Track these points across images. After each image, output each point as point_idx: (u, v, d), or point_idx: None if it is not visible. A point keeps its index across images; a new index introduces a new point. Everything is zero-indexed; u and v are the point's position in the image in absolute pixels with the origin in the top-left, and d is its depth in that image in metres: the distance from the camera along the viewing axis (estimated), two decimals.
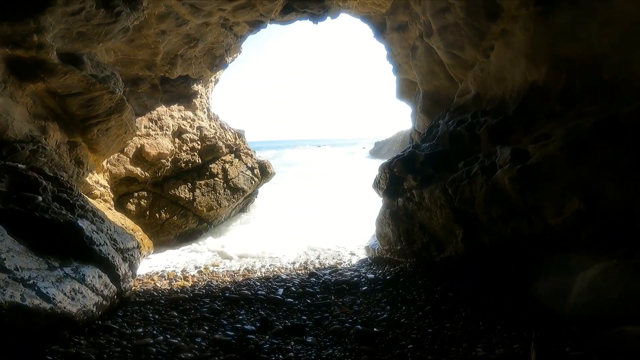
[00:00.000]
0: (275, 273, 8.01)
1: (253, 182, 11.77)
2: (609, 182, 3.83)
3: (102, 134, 6.87)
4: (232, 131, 14.51)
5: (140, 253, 6.88)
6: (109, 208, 8.41)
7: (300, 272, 8.13)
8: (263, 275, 7.96)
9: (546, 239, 4.53)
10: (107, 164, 8.97)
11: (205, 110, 12.40)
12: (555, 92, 4.94)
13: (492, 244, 5.25)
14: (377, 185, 7.46)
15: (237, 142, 13.26)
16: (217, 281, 7.56)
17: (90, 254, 4.84)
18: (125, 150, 9.43)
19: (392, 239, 7.23)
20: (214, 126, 12.77)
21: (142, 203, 9.90)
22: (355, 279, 6.55)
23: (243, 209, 13.40)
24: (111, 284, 5.09)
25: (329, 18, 10.52)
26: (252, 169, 11.95)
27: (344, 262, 8.95)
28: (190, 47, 8.52)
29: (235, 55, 12.98)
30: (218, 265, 9.21)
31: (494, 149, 5.25)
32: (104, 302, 4.77)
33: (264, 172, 12.20)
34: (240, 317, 5.35)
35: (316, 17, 9.78)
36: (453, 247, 5.92)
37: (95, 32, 5.02)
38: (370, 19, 9.48)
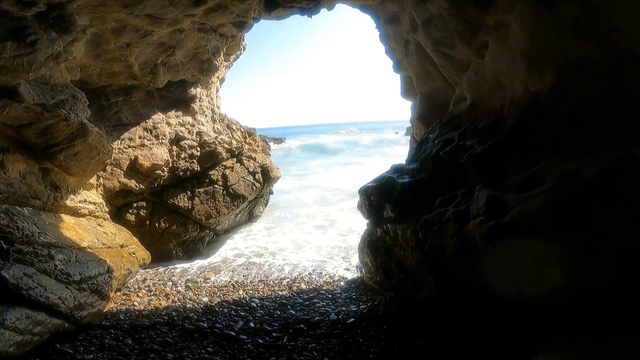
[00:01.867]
0: (251, 295, 7.49)
1: (254, 187, 11.10)
2: (604, 258, 2.53)
3: (70, 160, 6.50)
4: (242, 130, 13.92)
5: (111, 277, 6.62)
6: (99, 225, 8.23)
7: (281, 292, 7.60)
8: (240, 297, 7.46)
9: (520, 302, 3.37)
10: (100, 178, 8.80)
11: (208, 112, 11.85)
12: (562, 110, 3.53)
13: (466, 294, 4.10)
14: (360, 209, 6.38)
15: (244, 143, 12.63)
16: (192, 302, 7.22)
17: (18, 298, 4.65)
18: (119, 163, 9.19)
19: (371, 269, 6.20)
20: (217, 128, 12.22)
21: (142, 213, 9.69)
22: (317, 317, 5.72)
23: (252, 212, 12.89)
24: (50, 319, 4.98)
25: (324, 10, 9.25)
26: (253, 173, 11.26)
27: (334, 281, 8.13)
28: (168, 55, 7.86)
29: (237, 53, 12.20)
30: (209, 279, 8.81)
31: (476, 186, 3.96)
32: (34, 338, 4.68)
33: (266, 176, 11.46)
34: (185, 353, 5.02)
35: (307, 10, 8.58)
36: (428, 289, 4.81)
37: (16, 63, 4.50)
38: (370, 8, 8.07)
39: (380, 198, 5.37)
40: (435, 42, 5.15)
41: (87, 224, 7.90)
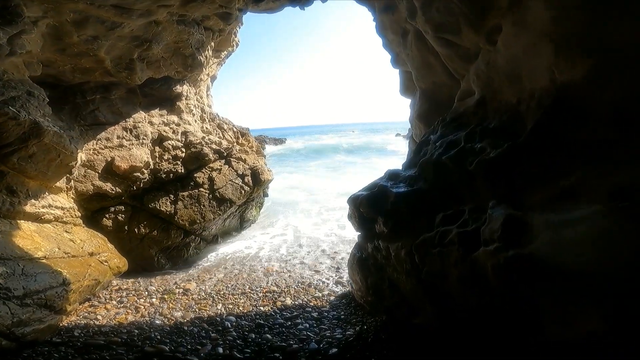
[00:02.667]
0: (230, 311, 6.73)
1: (243, 191, 10.27)
2: None
3: (25, 162, 5.73)
4: (235, 129, 13.12)
5: (67, 290, 5.91)
6: (66, 232, 7.44)
7: (263, 308, 6.82)
8: (216, 313, 6.70)
9: (541, 342, 2.54)
10: (71, 181, 8.01)
11: (197, 111, 11.05)
12: (603, 105, 2.69)
13: (473, 329, 3.25)
14: (350, 220, 5.54)
15: (235, 144, 11.83)
16: (162, 318, 6.47)
17: None
18: (93, 165, 8.40)
19: (361, 287, 5.35)
20: (207, 128, 11.42)
21: (120, 218, 8.88)
22: (295, 345, 4.86)
23: (243, 216, 12.06)
24: None
25: (318, 2, 8.44)
26: (242, 176, 10.43)
27: (323, 296, 7.28)
28: (144, 49, 7.06)
29: (229, 49, 11.40)
30: (188, 290, 7.98)
31: (488, 200, 3.11)
32: None
33: (256, 179, 10.62)
34: None
35: (298, 1, 7.78)
36: (425, 317, 3.96)
37: None
38: None
39: (370, 210, 4.53)
40: (436, 27, 4.31)
41: (51, 231, 7.11)
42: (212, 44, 9.56)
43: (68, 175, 7.93)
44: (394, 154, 34.46)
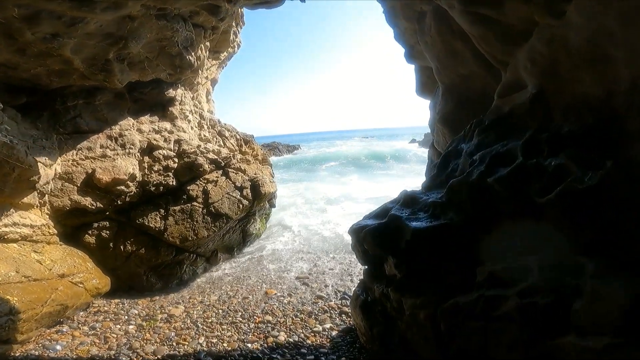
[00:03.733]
0: (211, 346, 5.65)
1: (241, 205, 9.15)
2: None
3: None
4: (238, 137, 12.09)
5: (14, 319, 5.02)
6: (35, 251, 6.47)
7: (251, 345, 5.70)
8: (195, 349, 5.60)
9: None
10: (45, 196, 7.07)
11: (193, 117, 10.04)
12: None
13: None
14: (353, 250, 4.30)
15: (237, 152, 10.77)
16: (129, 354, 5.44)
17: None
18: (71, 178, 7.44)
19: (366, 334, 4.07)
20: (205, 136, 10.39)
21: (104, 234, 7.87)
22: None
23: (245, 230, 10.93)
24: None
25: None
26: (241, 188, 9.32)
27: (323, 330, 6.02)
28: (120, 48, 6.07)
29: (230, 50, 10.38)
30: (173, 315, 6.88)
31: (577, 254, 1.84)
32: None
33: (256, 192, 9.49)
34: None
35: None
36: None
37: None
38: None
39: (378, 248, 3.30)
40: (468, 1, 3.09)
41: (15, 251, 6.14)
42: (207, 43, 8.54)
43: (42, 189, 7.01)
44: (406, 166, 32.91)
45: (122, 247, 8.00)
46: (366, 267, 4.20)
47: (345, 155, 29.76)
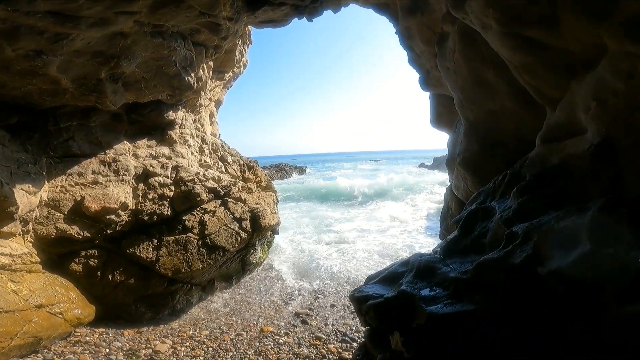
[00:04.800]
0: None
1: (239, 238, 8.39)
2: None
3: None
4: (241, 162, 11.47)
5: None
6: (12, 281, 5.82)
7: None
8: None
9: None
10: (29, 223, 6.48)
11: (194, 142, 9.47)
12: None
13: None
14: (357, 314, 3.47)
15: (238, 180, 10.12)
16: None
17: None
18: (58, 205, 6.85)
19: None
20: (206, 162, 9.79)
21: (92, 263, 7.18)
22: None
23: (245, 260, 10.13)
24: None
25: (330, 12, 6.74)
26: (240, 220, 8.58)
27: None
28: (111, 67, 5.57)
29: (235, 70, 9.89)
30: (158, 352, 6.10)
31: None
32: None
33: (256, 224, 8.72)
34: None
35: (305, 10, 6.11)
36: None
37: None
38: (388, 8, 5.40)
39: (382, 325, 2.51)
40: (509, 17, 2.36)
41: None
42: (210, 63, 8.05)
43: (25, 217, 6.43)
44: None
45: (110, 276, 7.31)
46: (366, 331, 3.37)
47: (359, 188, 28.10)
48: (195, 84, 7.37)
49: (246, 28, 9.33)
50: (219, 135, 12.66)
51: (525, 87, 2.67)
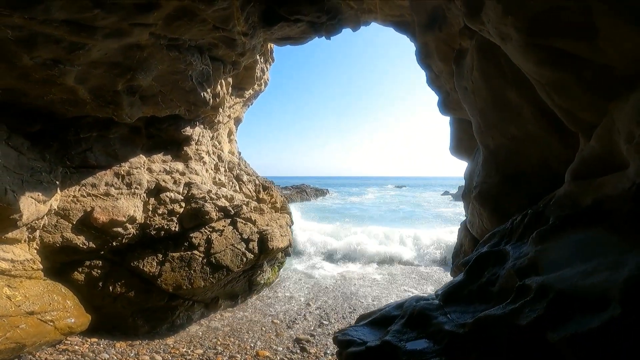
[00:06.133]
0: None
1: (244, 259, 8.05)
2: None
3: None
4: (257, 182, 11.29)
5: None
6: (8, 286, 5.76)
7: None
8: None
9: None
10: (36, 231, 6.47)
11: (210, 159, 9.40)
12: None
13: None
14: None
15: (251, 200, 9.90)
16: None
17: None
18: (68, 215, 6.85)
19: None
20: (220, 180, 9.67)
21: (94, 273, 7.07)
22: None
23: (252, 280, 9.71)
24: None
25: (348, 30, 6.55)
26: (247, 241, 8.27)
27: None
28: (127, 79, 5.60)
29: (256, 88, 9.87)
30: None
31: None
32: None
33: (263, 246, 8.37)
34: None
35: (322, 28, 5.95)
36: None
37: None
38: (407, 26, 5.14)
39: None
40: (535, 26, 1.95)
41: None
42: (230, 80, 8.02)
43: (33, 225, 6.44)
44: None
45: (111, 287, 7.15)
46: None
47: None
48: (212, 100, 7.32)
49: (268, 45, 9.35)
50: (239, 154, 12.64)
51: (554, 110, 2.21)
